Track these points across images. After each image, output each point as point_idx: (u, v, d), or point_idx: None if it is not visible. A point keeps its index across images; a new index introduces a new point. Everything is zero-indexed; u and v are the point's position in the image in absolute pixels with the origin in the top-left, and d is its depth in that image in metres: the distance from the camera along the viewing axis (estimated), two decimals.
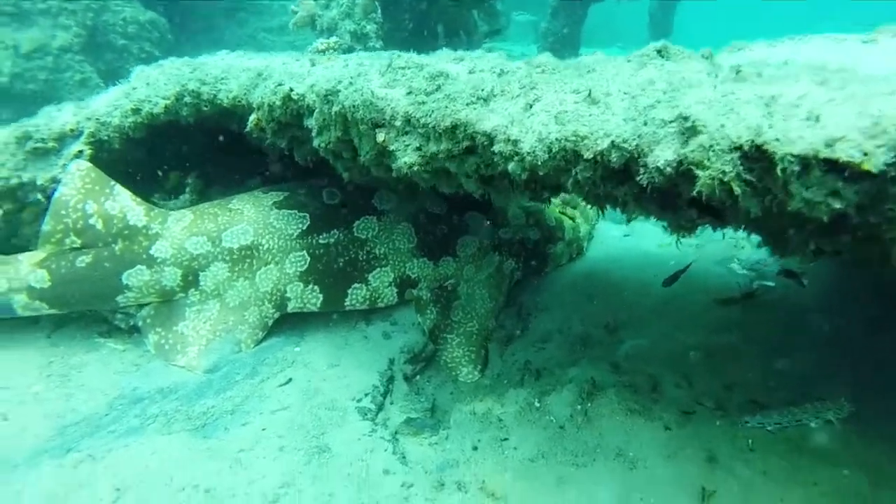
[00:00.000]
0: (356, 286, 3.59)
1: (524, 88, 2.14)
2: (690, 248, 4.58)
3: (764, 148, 1.53)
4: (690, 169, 1.66)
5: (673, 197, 1.89)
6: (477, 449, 2.83)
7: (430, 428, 2.96)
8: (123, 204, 3.42)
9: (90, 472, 2.54)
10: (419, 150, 2.34)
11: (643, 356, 3.39)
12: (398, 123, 2.39)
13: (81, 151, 3.63)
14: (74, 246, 3.34)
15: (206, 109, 3.58)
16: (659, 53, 2.28)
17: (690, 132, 1.69)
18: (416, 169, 2.37)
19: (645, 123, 1.78)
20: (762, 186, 1.61)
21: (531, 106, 2.05)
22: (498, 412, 3.02)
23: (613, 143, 1.78)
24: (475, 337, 3.60)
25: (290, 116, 3.08)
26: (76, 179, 3.37)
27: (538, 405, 3.01)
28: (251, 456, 2.68)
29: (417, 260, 3.71)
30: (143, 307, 3.46)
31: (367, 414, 2.99)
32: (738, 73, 1.84)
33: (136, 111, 3.58)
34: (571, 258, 4.53)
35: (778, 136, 1.52)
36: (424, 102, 2.31)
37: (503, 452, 2.80)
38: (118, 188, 3.45)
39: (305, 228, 3.56)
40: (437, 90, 2.34)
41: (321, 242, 3.56)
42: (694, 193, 1.68)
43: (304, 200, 3.66)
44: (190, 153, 4.29)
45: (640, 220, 4.50)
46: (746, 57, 2.35)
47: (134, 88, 3.72)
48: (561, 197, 4.45)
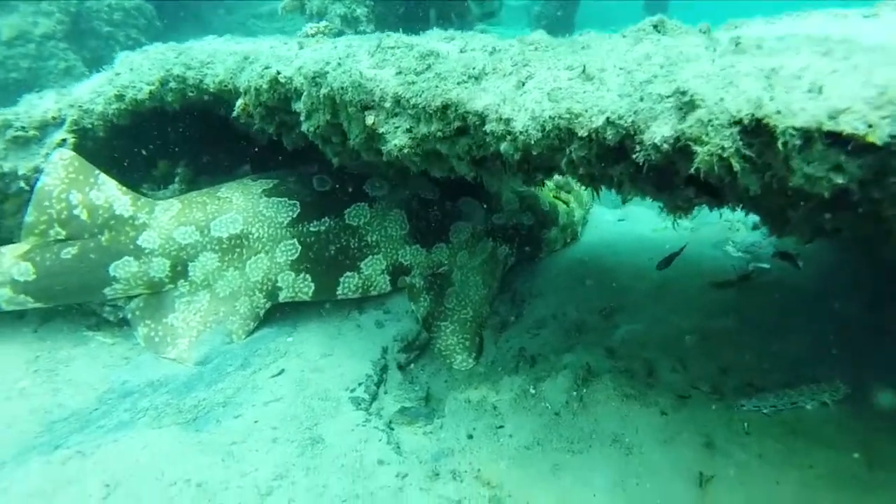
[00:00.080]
0: (348, 274, 3.53)
1: (516, 66, 2.07)
2: (685, 231, 4.54)
3: (764, 122, 1.48)
4: (688, 145, 1.60)
5: (670, 175, 1.83)
6: (472, 437, 2.79)
7: (424, 417, 2.93)
8: (109, 194, 3.34)
9: (79, 468, 2.48)
10: (409, 131, 2.27)
11: (638, 341, 3.35)
12: (388, 105, 2.32)
13: (64, 140, 3.54)
14: (59, 237, 3.26)
15: (191, 95, 3.49)
16: (655, 28, 2.22)
17: (688, 107, 1.63)
18: (406, 152, 2.30)
19: (641, 99, 1.72)
20: (762, 162, 1.56)
21: (524, 84, 1.98)
22: (493, 400, 2.98)
23: (609, 119, 1.72)
24: (469, 324, 3.56)
25: (277, 100, 3.00)
26: (59, 169, 3.29)
27: (533, 392, 2.97)
28: (244, 448, 2.63)
29: (410, 247, 3.65)
30: (131, 299, 3.39)
31: (360, 404, 2.95)
32: (737, 45, 1.78)
33: (119, 97, 3.49)
34: (566, 243, 4.48)
35: (779, 108, 1.46)
36: (414, 82, 2.23)
37: (498, 440, 2.77)
38: (103, 177, 3.37)
39: (296, 216, 3.49)
40: (427, 69, 2.26)
41: (312, 230, 3.49)
42: (692, 171, 1.62)
43: (294, 188, 3.59)
44: (177, 141, 4.20)
45: (634, 204, 4.45)
46: (744, 33, 2.29)
47: (117, 74, 3.62)
48: (555, 181, 4.39)
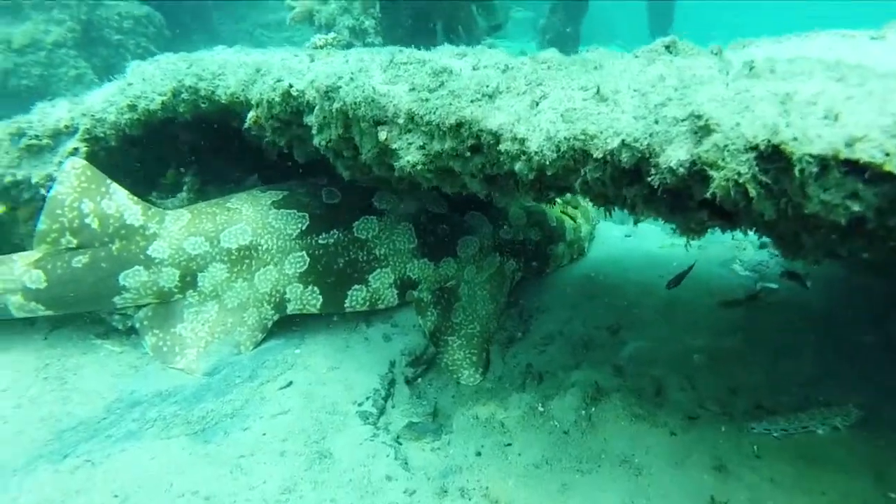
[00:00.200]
0: (356, 287, 3.53)
1: (530, 85, 2.08)
2: (692, 249, 4.53)
3: (781, 148, 1.48)
4: (704, 169, 1.60)
5: (684, 198, 1.83)
6: (480, 454, 2.78)
7: (432, 433, 2.92)
8: (120, 203, 3.36)
9: (88, 477, 2.48)
10: (422, 148, 2.28)
11: (646, 359, 3.34)
12: (401, 121, 2.33)
13: (77, 149, 3.57)
14: (70, 246, 3.28)
15: (203, 106, 3.51)
16: (667, 49, 2.23)
17: (704, 131, 1.63)
18: (419, 168, 2.31)
19: (656, 122, 1.73)
20: (778, 188, 1.56)
21: (538, 103, 1.99)
22: (501, 417, 2.97)
23: (624, 142, 1.73)
24: (476, 339, 3.55)
25: (289, 113, 3.02)
26: (72, 178, 3.31)
27: (542, 409, 2.96)
28: (252, 461, 2.63)
29: (418, 261, 3.66)
30: (140, 308, 3.40)
31: (368, 418, 2.95)
32: (751, 69, 1.79)
33: (132, 107, 3.52)
34: (573, 259, 4.48)
35: (796, 135, 1.47)
36: (428, 99, 2.25)
37: (507, 458, 2.75)
38: (115, 187, 3.39)
39: (305, 228, 3.50)
40: (440, 87, 2.28)
41: (321, 243, 3.50)
42: (707, 195, 1.63)
43: (303, 200, 3.60)
44: (187, 150, 4.23)
45: (642, 220, 4.45)
46: (752, 53, 2.30)
47: (129, 84, 3.64)
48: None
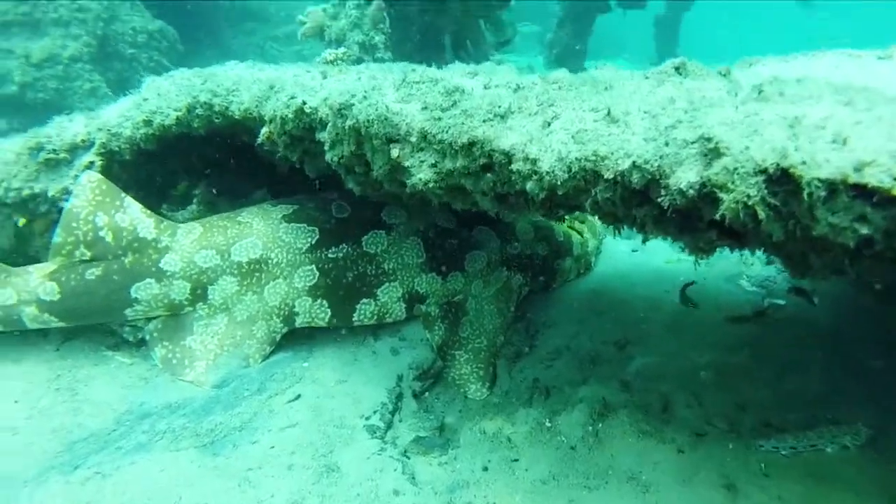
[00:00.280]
0: (365, 301, 3.56)
1: (542, 106, 2.12)
2: (699, 264, 4.54)
3: (790, 171, 1.51)
4: (714, 191, 1.63)
5: (693, 219, 1.86)
6: (487, 469, 2.78)
7: (439, 447, 2.92)
8: (134, 216, 3.41)
9: (98, 489, 2.50)
10: (434, 166, 2.32)
11: (653, 374, 3.34)
12: (413, 139, 2.37)
13: (92, 162, 3.63)
14: (84, 258, 3.32)
15: (217, 121, 3.57)
16: (677, 71, 2.27)
17: (713, 154, 1.66)
18: (431, 186, 2.35)
19: (666, 144, 1.76)
20: (787, 210, 1.59)
21: (549, 124, 2.03)
22: (508, 432, 2.98)
23: (635, 163, 1.76)
24: (483, 353, 3.57)
25: (302, 130, 3.06)
26: (87, 191, 3.36)
27: (549, 425, 2.97)
28: (260, 474, 2.64)
29: (426, 275, 3.69)
30: (150, 320, 3.44)
31: (375, 432, 2.96)
32: (760, 92, 1.82)
33: (147, 123, 3.57)
34: (580, 273, 4.49)
35: (804, 159, 1.50)
36: (440, 118, 2.29)
37: (514, 473, 2.76)
38: (129, 200, 3.44)
39: (314, 242, 3.54)
40: (452, 106, 2.32)
41: (330, 257, 3.54)
42: (717, 216, 1.65)
43: (313, 214, 3.64)
44: (199, 163, 4.29)
45: (651, 238, 4.46)
46: (759, 72, 2.33)
47: (145, 99, 3.71)
48: None
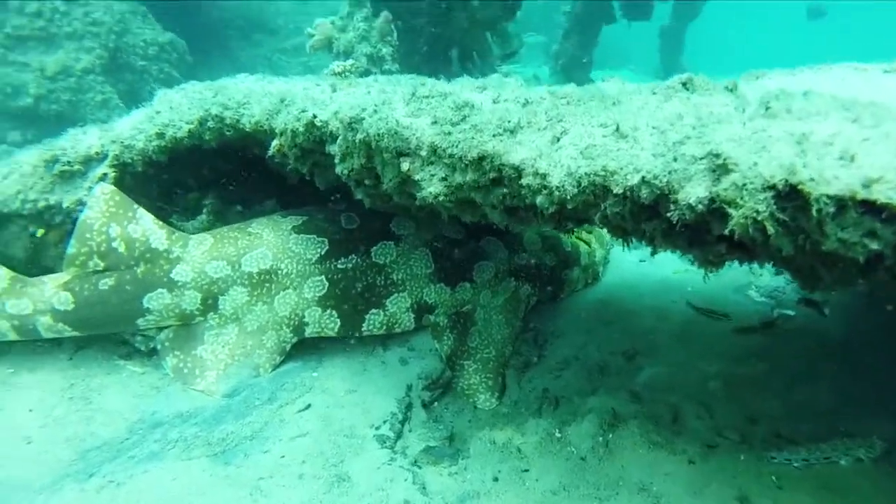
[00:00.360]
0: (374, 311, 3.59)
1: (551, 121, 2.15)
2: (708, 277, 4.54)
3: (798, 188, 1.53)
4: (722, 207, 1.65)
5: (702, 233, 1.88)
6: (497, 480, 2.79)
7: (449, 457, 2.93)
8: (146, 227, 3.46)
9: (112, 497, 2.53)
10: (444, 180, 2.35)
11: (662, 385, 3.35)
12: (424, 153, 2.41)
13: (106, 174, 3.68)
14: (98, 269, 3.37)
15: (229, 134, 3.62)
16: (684, 86, 2.29)
17: (721, 170, 1.69)
18: (441, 199, 2.38)
19: (675, 159, 1.79)
20: (795, 226, 1.61)
21: (559, 139, 2.06)
22: (518, 442, 2.99)
23: (644, 178, 1.78)
24: (492, 363, 3.58)
25: (312, 143, 3.11)
26: (101, 203, 3.42)
27: (559, 436, 2.97)
28: (271, 484, 2.66)
29: (435, 285, 3.71)
30: (162, 330, 3.47)
31: (385, 442, 2.97)
32: (767, 108, 1.85)
33: (160, 135, 3.63)
34: (587, 283, 4.51)
35: (813, 175, 1.52)
36: (450, 133, 2.32)
37: (524, 484, 2.76)
38: (141, 211, 3.49)
39: (324, 253, 3.58)
40: (462, 120, 2.35)
41: (339, 267, 3.57)
42: (726, 231, 1.67)
43: (322, 225, 3.68)
44: (210, 174, 4.34)
45: (659, 251, 4.47)
46: (765, 86, 2.35)
47: (157, 112, 3.76)
48: None
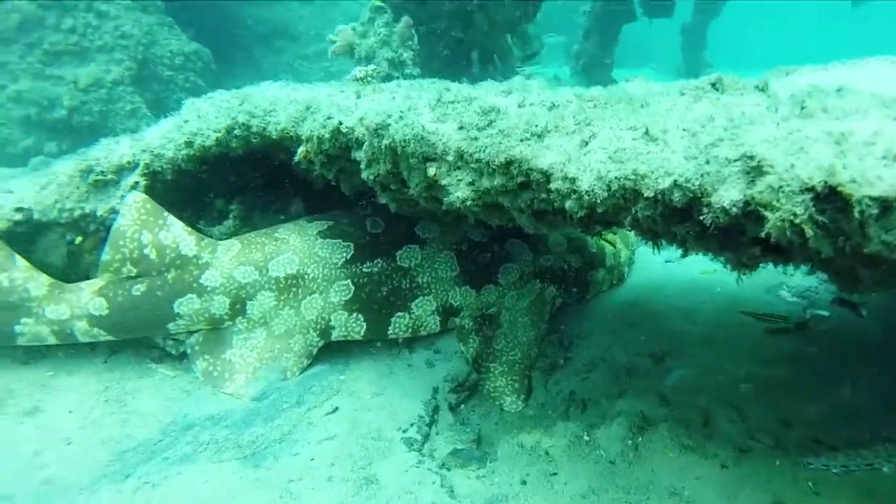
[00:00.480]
0: (399, 315, 3.61)
1: (579, 125, 2.14)
2: (735, 273, 4.46)
3: (838, 190, 1.49)
4: (758, 210, 1.62)
5: (736, 235, 1.85)
6: (526, 483, 2.78)
7: (477, 460, 2.93)
8: (176, 234, 3.53)
9: (147, 499, 2.59)
10: (472, 184, 2.35)
11: (692, 388, 3.29)
12: (450, 158, 2.41)
13: (137, 183, 3.77)
14: (130, 275, 3.46)
15: (255, 141, 3.68)
16: (713, 87, 2.26)
17: (756, 172, 1.66)
18: (468, 204, 2.38)
19: (707, 162, 1.76)
20: (835, 228, 1.57)
21: (587, 143, 2.05)
22: (546, 445, 2.97)
23: (676, 182, 1.76)
24: (518, 366, 3.57)
25: (338, 149, 3.14)
26: (133, 211, 3.50)
27: (587, 439, 2.95)
28: (300, 486, 2.69)
29: (460, 288, 3.72)
30: (192, 334, 3.54)
31: (413, 444, 2.99)
32: (802, 108, 1.81)
33: (189, 144, 3.70)
34: (613, 285, 4.46)
35: (854, 177, 1.48)
36: (477, 138, 2.32)
37: (553, 487, 2.75)
38: (171, 219, 3.57)
39: (349, 257, 3.61)
40: (489, 125, 2.35)
41: (365, 271, 3.60)
42: (762, 234, 1.64)
43: (347, 230, 3.72)
44: (236, 181, 4.41)
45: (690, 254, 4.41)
46: (796, 83, 2.30)
47: (186, 121, 3.84)
48: None
